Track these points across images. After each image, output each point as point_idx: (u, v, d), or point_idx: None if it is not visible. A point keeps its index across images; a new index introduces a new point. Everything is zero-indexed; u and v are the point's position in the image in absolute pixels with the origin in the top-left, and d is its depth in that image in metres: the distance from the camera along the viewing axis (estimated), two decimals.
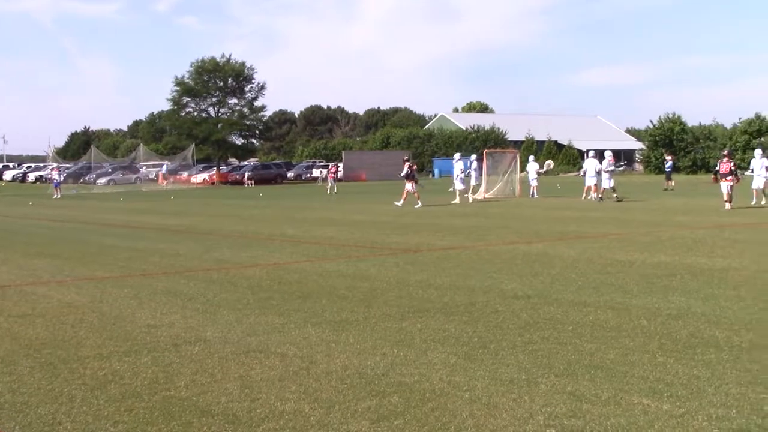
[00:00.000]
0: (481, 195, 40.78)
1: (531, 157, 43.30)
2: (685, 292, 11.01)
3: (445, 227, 22.84)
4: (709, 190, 41.06)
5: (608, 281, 12.09)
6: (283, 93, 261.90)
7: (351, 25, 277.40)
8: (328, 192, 50.21)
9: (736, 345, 7.88)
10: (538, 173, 42.32)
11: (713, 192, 38.59)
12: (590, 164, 37.45)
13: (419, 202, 33.19)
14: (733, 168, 28.73)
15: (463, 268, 13.85)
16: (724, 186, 28.44)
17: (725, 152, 30.71)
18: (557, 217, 26.30)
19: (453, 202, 36.34)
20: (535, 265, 14.10)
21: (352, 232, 22.02)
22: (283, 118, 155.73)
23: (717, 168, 29.66)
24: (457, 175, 37.30)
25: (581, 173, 41.48)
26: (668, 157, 50.69)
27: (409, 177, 34.40)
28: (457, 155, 39.68)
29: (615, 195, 35.19)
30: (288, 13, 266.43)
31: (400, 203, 33.65)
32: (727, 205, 27.76)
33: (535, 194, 40.21)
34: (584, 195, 36.95)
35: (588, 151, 42.42)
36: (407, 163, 35.20)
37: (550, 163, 49.53)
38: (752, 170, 32.16)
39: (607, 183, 35.65)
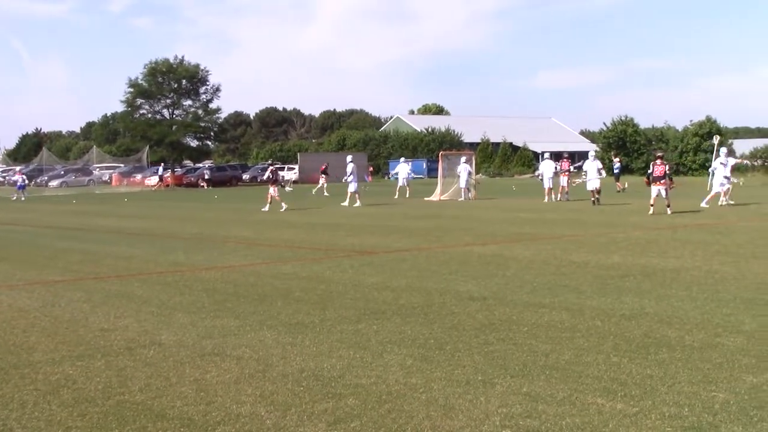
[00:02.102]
0: (436, 197, 40.91)
1: (463, 159, 43.34)
2: (638, 292, 11.12)
3: (401, 229, 22.87)
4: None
5: (563, 282, 12.18)
6: (238, 95, 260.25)
7: (306, 27, 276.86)
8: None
9: (688, 344, 7.98)
10: (470, 175, 42.34)
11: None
12: (546, 166, 37.72)
13: (283, 204, 33.77)
14: (667, 171, 27.41)
15: (419, 270, 13.88)
16: (655, 190, 27.05)
17: (659, 154, 29.15)
18: (512, 219, 26.45)
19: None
20: (491, 266, 14.17)
21: (308, 234, 21.97)
22: (238, 119, 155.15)
23: (650, 171, 27.99)
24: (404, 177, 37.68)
25: (537, 175, 41.78)
26: (615, 159, 51.43)
27: (271, 181, 34.79)
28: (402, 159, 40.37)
29: (597, 197, 33.15)
30: (242, 14, 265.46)
31: (266, 208, 33.65)
32: (651, 210, 26.49)
33: (470, 197, 40.27)
34: (546, 197, 37.15)
35: (543, 153, 42.69)
36: (270, 168, 35.78)
37: (471, 155, 49.36)
38: (713, 171, 32.67)
39: (594, 185, 33.38)
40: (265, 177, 35.67)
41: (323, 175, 51.32)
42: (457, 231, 21.85)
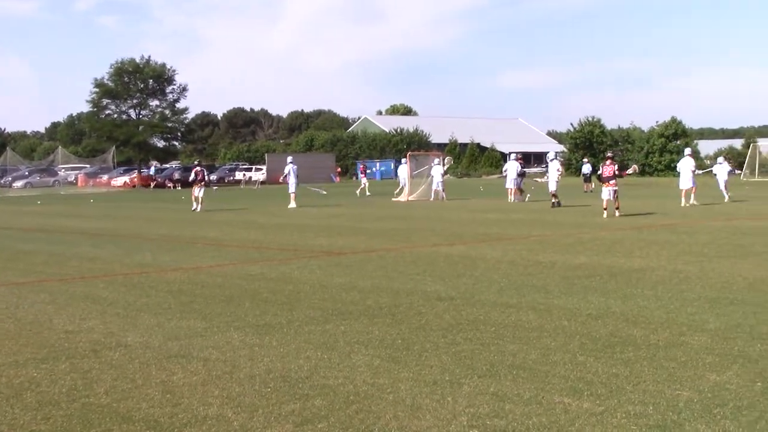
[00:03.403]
0: (404, 197, 40.96)
1: (435, 160, 43.46)
2: (604, 292, 11.20)
3: (369, 230, 22.87)
4: (624, 191, 41.89)
5: (530, 282, 12.23)
6: (205, 95, 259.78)
7: (274, 27, 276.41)
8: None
9: (653, 343, 8.04)
10: (443, 175, 42.45)
11: (628, 194, 39.43)
12: (511, 167, 37.91)
13: (199, 206, 33.95)
14: (616, 171, 26.49)
15: (387, 271, 13.88)
16: (606, 191, 26.13)
17: (608, 154, 28.30)
18: (480, 219, 26.54)
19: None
20: (458, 266, 14.21)
21: (275, 234, 21.92)
22: (205, 120, 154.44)
23: (599, 171, 27.38)
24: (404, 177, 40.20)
25: (504, 175, 41.92)
26: (585, 160, 52.14)
27: (196, 182, 34.94)
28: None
29: (556, 200, 32.63)
30: (210, 14, 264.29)
31: (198, 208, 33.86)
32: (605, 213, 25.80)
33: (442, 197, 40.47)
34: (510, 197, 37.31)
35: (510, 153, 42.88)
36: (195, 169, 35.86)
37: (450, 159, 49.53)
38: (679, 171, 33.10)
39: (553, 186, 33.14)
40: (190, 178, 35.80)
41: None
42: (424, 231, 21.89)
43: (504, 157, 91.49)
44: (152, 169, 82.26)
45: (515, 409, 6.01)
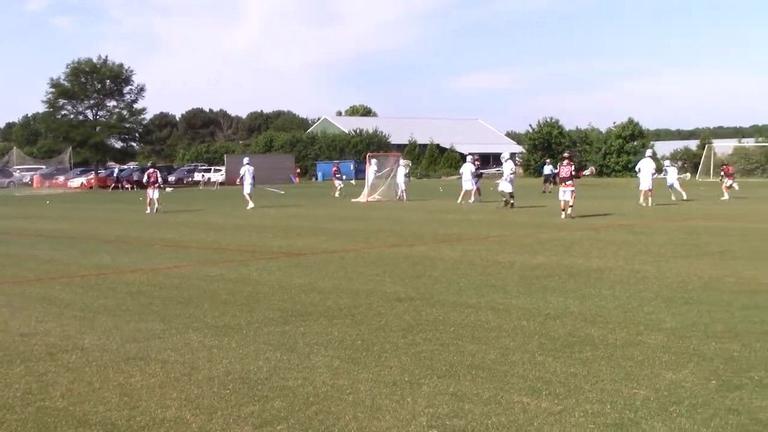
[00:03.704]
0: (364, 198, 40.95)
1: (402, 162, 43.58)
2: (563, 292, 11.27)
3: (329, 230, 22.84)
4: (582, 192, 42.21)
5: (489, 282, 12.28)
6: (164, 96, 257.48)
7: (233, 27, 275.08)
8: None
9: (611, 342, 8.11)
10: (406, 176, 42.49)
11: (585, 194, 39.77)
12: (466, 168, 38.04)
13: (156, 207, 34.15)
14: (573, 172, 26.53)
15: (346, 271, 13.87)
16: (562, 192, 26.23)
17: (566, 155, 28.21)
18: (439, 220, 26.60)
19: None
20: (418, 267, 14.23)
21: (234, 235, 21.81)
22: (163, 121, 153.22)
23: (557, 171, 27.31)
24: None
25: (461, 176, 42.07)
26: (547, 161, 52.87)
27: (150, 184, 34.98)
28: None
29: (511, 201, 32.27)
30: (168, 14, 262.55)
31: (155, 210, 34.07)
32: (563, 214, 25.87)
33: (404, 197, 40.59)
34: (461, 199, 37.37)
35: (468, 154, 43.03)
36: (148, 171, 36.02)
37: (408, 163, 49.52)
38: (639, 171, 33.55)
39: (508, 187, 32.75)
40: (144, 180, 35.89)
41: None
42: (384, 232, 21.90)
43: (463, 158, 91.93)
44: (116, 170, 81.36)
45: (474, 409, 6.03)
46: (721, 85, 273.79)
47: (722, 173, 40.47)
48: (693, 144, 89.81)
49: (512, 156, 37.56)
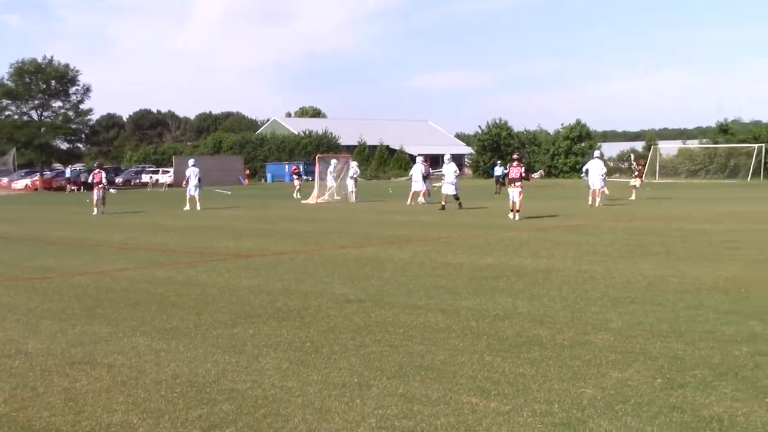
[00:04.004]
0: (313, 200, 40.89)
1: (353, 163, 43.59)
2: (511, 292, 11.35)
3: (278, 232, 22.76)
4: (530, 193, 42.55)
5: (438, 284, 12.32)
6: (111, 96, 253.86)
7: (181, 28, 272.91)
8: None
9: (558, 342, 8.18)
10: (354, 178, 42.48)
11: (534, 195, 40.09)
12: (416, 169, 38.15)
13: (101, 208, 34.11)
14: (523, 173, 26.66)
15: (296, 273, 13.83)
16: (512, 192, 26.35)
17: (515, 156, 28.30)
18: (389, 221, 26.63)
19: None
20: (367, 268, 14.23)
21: (183, 237, 21.63)
22: (110, 122, 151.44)
23: (506, 172, 27.56)
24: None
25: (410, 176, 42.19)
26: (498, 162, 53.44)
27: (95, 184, 34.86)
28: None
29: (458, 202, 32.81)
30: (115, 13, 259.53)
31: (100, 211, 34.01)
32: (511, 215, 26.04)
33: (353, 198, 40.63)
34: (410, 200, 37.47)
35: (418, 156, 43.16)
36: (93, 172, 35.88)
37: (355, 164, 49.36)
38: (586, 172, 33.99)
39: (450, 189, 33.28)
40: (89, 180, 35.86)
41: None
42: (333, 233, 21.87)
43: (413, 159, 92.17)
44: (68, 171, 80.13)
45: (423, 410, 6.05)
46: (666, 88, 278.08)
47: (636, 172, 40.75)
48: (639, 145, 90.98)
49: (455, 158, 37.75)
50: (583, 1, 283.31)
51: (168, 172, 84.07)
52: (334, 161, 43.29)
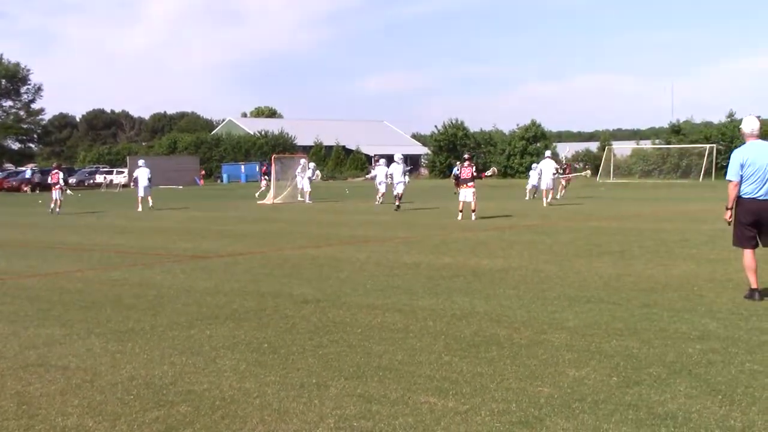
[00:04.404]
0: (270, 200, 40.75)
1: (311, 165, 43.56)
2: (468, 292, 11.39)
3: (235, 233, 22.65)
4: (488, 193, 42.79)
5: (396, 284, 12.34)
6: (63, 96, 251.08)
7: (134, 27, 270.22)
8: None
9: (515, 342, 8.23)
10: (311, 179, 42.42)
11: (491, 196, 40.31)
12: (380, 170, 38.22)
13: (57, 208, 34.44)
14: (474, 173, 26.60)
15: (253, 274, 13.77)
16: (463, 193, 26.47)
17: (466, 156, 28.25)
18: (346, 222, 26.62)
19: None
20: (325, 269, 14.21)
21: (138, 238, 21.45)
22: (63, 122, 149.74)
23: (458, 172, 28.00)
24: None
25: (372, 177, 42.29)
26: (457, 163, 53.52)
27: (53, 185, 35.24)
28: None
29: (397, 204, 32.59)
30: (67, 12, 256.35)
31: (55, 211, 34.33)
32: (460, 216, 26.14)
33: (308, 199, 40.59)
34: (378, 200, 37.61)
35: (375, 155, 43.24)
36: (52, 172, 36.38)
37: (314, 165, 49.26)
38: (540, 173, 34.48)
39: (401, 188, 33.33)
40: (49, 180, 36.07)
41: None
42: (291, 234, 21.81)
43: (369, 159, 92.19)
44: (28, 172, 79.02)
45: (382, 410, 6.05)
46: (620, 89, 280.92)
47: (566, 172, 41.60)
48: (593, 146, 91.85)
49: (411, 158, 38.13)
50: (536, 2, 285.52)
51: (122, 172, 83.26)
52: (303, 161, 43.14)
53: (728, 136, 73.11)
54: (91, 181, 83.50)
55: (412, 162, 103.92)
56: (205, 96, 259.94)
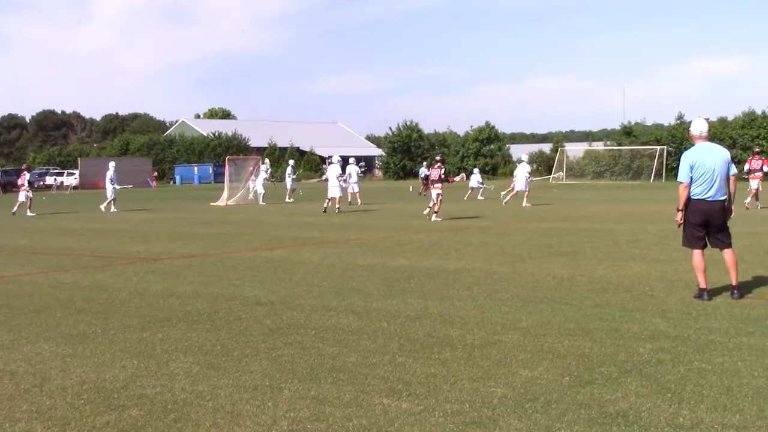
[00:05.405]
0: (223, 202, 40.54)
1: (264, 166, 43.36)
2: (422, 293, 11.42)
3: (188, 235, 22.48)
4: (450, 194, 42.91)
5: (350, 285, 12.33)
6: (12, 96, 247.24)
7: (85, 27, 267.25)
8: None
9: (469, 342, 8.26)
10: (265, 180, 42.26)
11: (451, 197, 40.42)
12: (332, 171, 38.12)
13: (15, 209, 34.76)
14: (442, 175, 26.97)
15: (206, 276, 13.68)
16: (434, 193, 26.74)
17: (438, 158, 28.41)
18: (300, 223, 26.55)
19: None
20: (278, 270, 14.16)
21: (90, 241, 21.20)
22: (12, 122, 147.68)
23: (427, 173, 28.56)
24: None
25: (324, 179, 42.24)
26: (424, 164, 54.83)
27: (19, 187, 35.96)
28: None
29: (326, 205, 32.74)
30: (12, 10, 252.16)
31: (12, 211, 34.63)
32: (427, 210, 26.81)
33: (261, 201, 40.46)
34: (327, 203, 37.48)
35: (329, 157, 43.16)
36: (22, 173, 37.11)
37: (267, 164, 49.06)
38: (515, 176, 35.51)
39: (334, 192, 32.93)
40: (19, 182, 36.20)
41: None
42: (244, 236, 21.71)
43: (323, 161, 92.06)
44: None
45: (335, 412, 6.04)
46: (573, 91, 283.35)
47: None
48: (546, 147, 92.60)
49: (365, 159, 38.29)
50: (490, 4, 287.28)
51: (73, 174, 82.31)
52: (267, 162, 43.08)
53: (678, 138, 74.08)
54: (41, 183, 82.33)
55: (366, 164, 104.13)
56: (158, 97, 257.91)
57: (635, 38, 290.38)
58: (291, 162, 48.02)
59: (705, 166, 10.42)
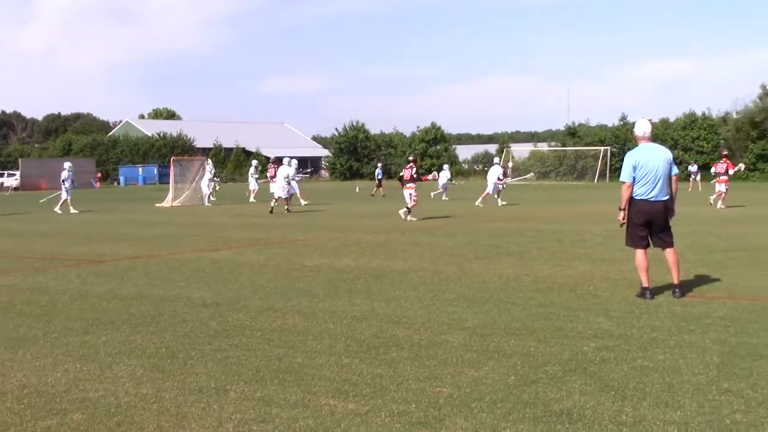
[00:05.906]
0: (168, 203, 40.18)
1: (208, 166, 43.02)
2: (368, 294, 11.41)
3: (132, 236, 22.23)
4: (390, 194, 43.03)
5: (296, 286, 12.29)
6: None
7: (25, 26, 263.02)
8: None
9: (415, 343, 8.27)
10: (211, 180, 41.93)
11: (391, 197, 40.51)
12: (281, 172, 38.02)
13: None
14: (414, 175, 27.14)
15: (150, 278, 13.53)
16: (406, 193, 27.04)
17: (411, 158, 28.63)
18: (246, 224, 26.41)
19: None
20: (224, 272, 14.06)
21: (30, 243, 20.86)
22: None
23: (401, 174, 28.89)
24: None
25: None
26: (379, 165, 54.98)
27: None
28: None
29: (273, 205, 33.26)
30: None
31: None
32: (408, 216, 26.78)
33: (207, 202, 40.17)
34: (274, 203, 37.33)
35: (292, 158, 42.98)
36: None
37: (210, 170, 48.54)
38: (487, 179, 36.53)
39: (279, 192, 33.66)
40: None
41: None
42: (189, 237, 21.52)
43: (269, 161, 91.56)
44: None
45: (282, 413, 6.01)
46: (518, 92, 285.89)
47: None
48: (492, 148, 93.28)
49: (312, 160, 38.38)
50: (438, 5, 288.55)
51: (14, 175, 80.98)
52: (210, 163, 42.68)
53: (621, 139, 75.17)
54: None
55: (312, 164, 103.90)
56: (102, 97, 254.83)
57: (581, 40, 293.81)
58: (254, 162, 47.79)
59: (648, 166, 10.57)
